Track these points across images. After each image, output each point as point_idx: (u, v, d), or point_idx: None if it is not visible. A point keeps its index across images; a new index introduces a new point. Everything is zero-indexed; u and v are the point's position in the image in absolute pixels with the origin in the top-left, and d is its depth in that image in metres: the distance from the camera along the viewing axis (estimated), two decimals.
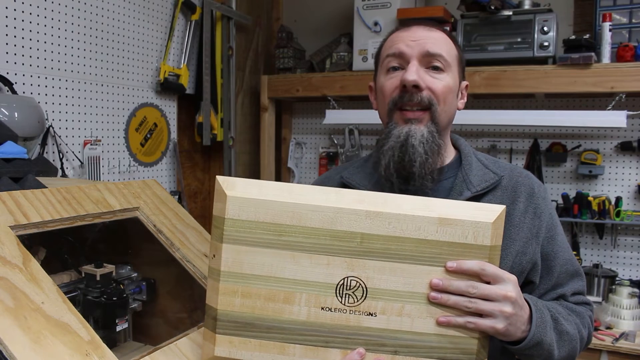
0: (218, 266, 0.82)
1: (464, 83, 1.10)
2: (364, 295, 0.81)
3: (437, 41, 1.02)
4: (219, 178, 0.84)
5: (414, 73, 0.99)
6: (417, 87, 0.99)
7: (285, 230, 0.81)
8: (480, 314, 0.81)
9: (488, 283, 0.81)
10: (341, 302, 0.81)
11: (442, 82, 1.01)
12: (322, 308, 0.81)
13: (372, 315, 0.81)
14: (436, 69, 1.01)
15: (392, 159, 1.00)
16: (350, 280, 0.81)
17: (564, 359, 0.97)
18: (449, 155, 1.09)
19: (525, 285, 1.05)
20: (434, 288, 0.80)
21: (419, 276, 0.80)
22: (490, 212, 0.81)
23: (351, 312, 0.81)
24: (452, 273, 0.80)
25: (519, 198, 1.04)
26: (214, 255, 0.83)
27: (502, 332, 0.82)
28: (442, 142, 1.03)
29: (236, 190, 0.82)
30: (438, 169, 1.03)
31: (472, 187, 1.02)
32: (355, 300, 0.81)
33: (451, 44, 1.05)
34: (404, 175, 1.01)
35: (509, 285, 0.82)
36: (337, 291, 0.81)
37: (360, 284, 0.81)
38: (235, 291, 0.82)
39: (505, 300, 0.81)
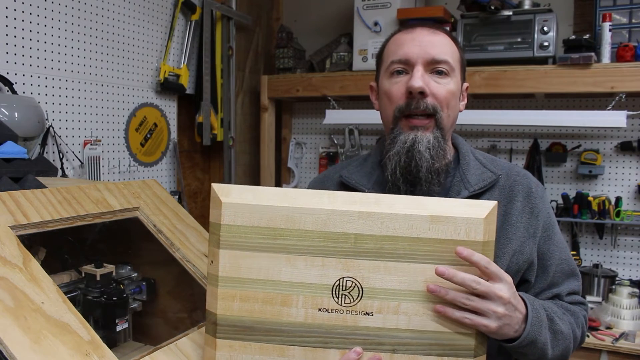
0: (216, 272, 0.83)
1: (465, 85, 1.10)
2: (360, 295, 0.81)
3: (441, 46, 1.02)
4: (214, 185, 0.85)
5: (420, 79, 0.99)
6: (422, 93, 0.99)
7: (280, 234, 0.81)
8: (475, 311, 0.81)
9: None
10: (337, 303, 0.82)
11: (445, 88, 1.01)
12: (319, 309, 0.82)
13: (368, 314, 0.81)
14: (440, 73, 1.01)
15: (398, 164, 1.01)
16: (346, 280, 0.81)
17: (557, 358, 0.97)
18: (449, 154, 1.10)
19: (521, 284, 1.06)
20: (439, 276, 0.80)
21: (413, 274, 0.81)
22: (482, 208, 0.82)
23: (348, 312, 0.82)
24: (458, 260, 0.80)
25: (517, 197, 1.05)
26: (212, 262, 0.84)
27: (494, 331, 0.82)
28: (447, 145, 1.05)
29: (231, 197, 0.83)
30: (444, 168, 1.04)
31: (469, 187, 1.03)
32: (352, 300, 0.81)
33: (454, 47, 1.05)
34: (410, 179, 1.02)
35: (505, 286, 0.82)
36: (333, 292, 0.82)
37: (355, 284, 0.81)
38: (233, 296, 0.82)
39: (499, 301, 0.81)
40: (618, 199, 2.38)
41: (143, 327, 1.30)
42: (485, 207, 0.82)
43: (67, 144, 1.95)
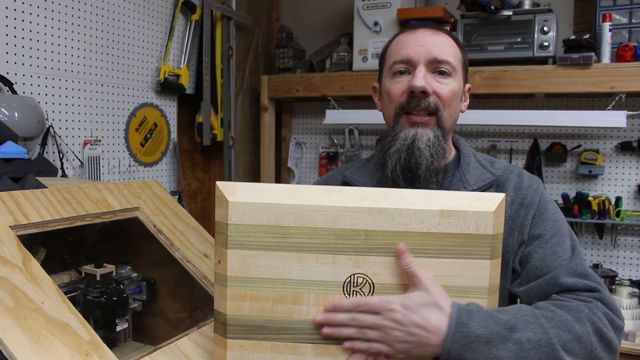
0: (224, 272, 0.82)
1: (467, 86, 1.12)
2: (371, 291, 0.82)
3: (444, 46, 1.03)
4: (219, 184, 0.84)
5: (422, 79, 1.00)
6: (424, 92, 1.00)
7: (289, 232, 0.81)
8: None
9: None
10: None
11: (448, 87, 1.02)
12: None
13: None
14: (442, 73, 1.02)
15: (398, 162, 1.02)
16: (357, 277, 0.82)
17: None
18: (450, 154, 1.11)
19: (512, 273, 1.02)
20: (319, 324, 0.81)
21: (424, 269, 0.81)
22: (491, 202, 0.82)
23: None
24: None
25: (508, 192, 1.04)
26: (219, 261, 0.83)
27: (395, 356, 0.81)
28: (447, 145, 1.06)
29: (238, 195, 0.82)
30: (443, 167, 1.04)
31: (468, 186, 1.04)
32: (363, 296, 0.82)
33: (456, 48, 1.06)
34: (410, 177, 1.03)
35: (384, 316, 0.80)
36: (345, 289, 0.82)
37: (367, 281, 0.82)
38: (243, 295, 0.82)
39: (384, 329, 0.80)
40: (618, 199, 2.37)
41: (143, 327, 1.30)
42: (493, 200, 0.82)
43: (67, 144, 1.95)
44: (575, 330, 0.84)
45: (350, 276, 0.81)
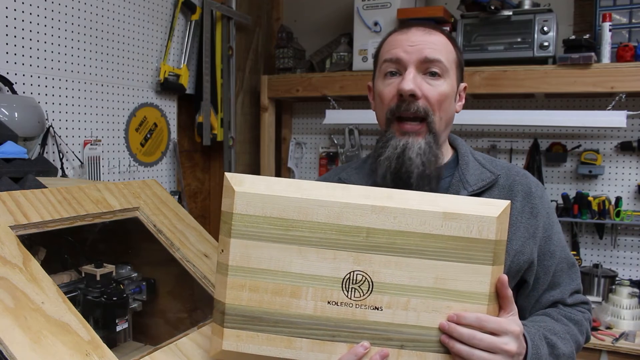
0: (226, 261, 0.83)
1: (462, 85, 1.09)
2: (370, 289, 0.82)
3: (436, 46, 1.01)
4: (228, 174, 0.85)
5: (410, 82, 0.98)
6: (413, 95, 0.98)
7: (292, 225, 0.82)
8: None
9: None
10: (347, 297, 0.82)
11: (438, 90, 1.00)
12: (329, 302, 0.82)
13: (378, 309, 0.82)
14: (434, 74, 1.00)
15: (388, 169, 1.01)
16: (357, 274, 0.82)
17: None
18: (446, 155, 1.09)
19: (520, 285, 1.06)
20: (440, 330, 0.80)
21: (424, 270, 0.81)
22: (495, 207, 0.82)
23: (357, 306, 0.82)
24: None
25: (516, 197, 1.04)
26: (222, 250, 0.84)
27: None
28: (440, 151, 1.03)
29: (244, 186, 0.83)
30: (435, 174, 1.02)
31: (468, 187, 1.03)
32: (361, 294, 0.82)
33: (450, 47, 1.04)
34: (400, 185, 1.00)
35: (510, 339, 0.80)
36: (344, 285, 0.82)
37: (366, 278, 0.82)
38: (243, 285, 0.82)
39: (505, 354, 0.80)
40: (618, 199, 2.38)
41: (143, 327, 1.30)
42: (498, 206, 0.82)
43: (67, 144, 1.95)
44: (579, 342, 1.03)
45: (349, 273, 0.82)
